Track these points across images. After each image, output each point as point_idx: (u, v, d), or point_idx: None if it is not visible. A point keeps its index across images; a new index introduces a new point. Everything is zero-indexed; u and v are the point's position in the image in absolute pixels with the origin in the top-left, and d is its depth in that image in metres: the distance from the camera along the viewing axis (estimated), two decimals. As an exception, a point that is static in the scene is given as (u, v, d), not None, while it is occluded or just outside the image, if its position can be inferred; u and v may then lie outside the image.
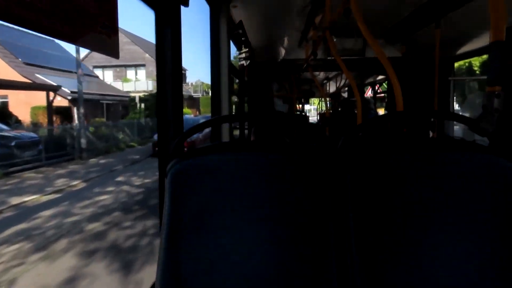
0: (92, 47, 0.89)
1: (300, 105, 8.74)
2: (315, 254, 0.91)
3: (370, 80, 6.60)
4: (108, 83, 24.53)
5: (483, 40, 2.78)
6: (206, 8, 2.09)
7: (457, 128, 4.16)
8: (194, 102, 29.91)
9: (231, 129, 2.29)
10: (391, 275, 0.87)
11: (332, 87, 8.37)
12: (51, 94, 14.90)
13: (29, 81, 15.59)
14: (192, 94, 30.75)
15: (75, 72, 14.18)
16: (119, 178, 9.66)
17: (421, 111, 3.07)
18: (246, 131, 4.17)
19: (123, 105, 22.19)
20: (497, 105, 0.94)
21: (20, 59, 16.68)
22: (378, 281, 0.87)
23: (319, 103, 13.76)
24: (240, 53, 3.23)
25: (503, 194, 0.88)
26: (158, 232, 0.97)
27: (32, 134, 11.93)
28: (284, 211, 0.92)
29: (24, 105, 15.71)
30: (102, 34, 0.91)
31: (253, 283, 0.90)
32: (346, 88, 7.60)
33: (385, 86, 5.78)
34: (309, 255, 0.91)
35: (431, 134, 3.25)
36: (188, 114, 24.46)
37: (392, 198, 0.90)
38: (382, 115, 2.90)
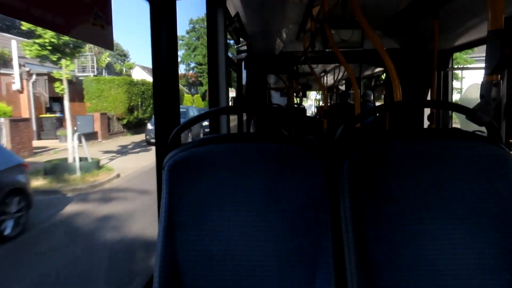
0: (85, 38, 0.88)
1: (298, 99, 8.72)
2: (312, 244, 0.91)
3: (369, 72, 6.57)
4: None
5: (481, 31, 2.76)
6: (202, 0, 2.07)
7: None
8: (75, 90, 14.23)
9: (229, 122, 2.28)
10: (389, 263, 0.87)
11: (329, 81, 8.34)
12: None
13: None
14: (77, 73, 15.72)
15: None
16: None
17: (418, 101, 3.05)
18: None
19: None
20: (495, 94, 0.93)
21: None
22: (375, 269, 0.87)
23: (317, 95, 13.65)
24: (237, 46, 3.21)
25: (501, 182, 0.88)
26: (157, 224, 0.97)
27: None
28: (281, 202, 0.92)
29: None
30: (96, 25, 0.90)
31: (250, 274, 0.90)
32: (344, 81, 7.58)
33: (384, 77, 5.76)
34: (306, 245, 0.91)
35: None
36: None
37: (389, 187, 0.90)
38: (380, 105, 2.88)
